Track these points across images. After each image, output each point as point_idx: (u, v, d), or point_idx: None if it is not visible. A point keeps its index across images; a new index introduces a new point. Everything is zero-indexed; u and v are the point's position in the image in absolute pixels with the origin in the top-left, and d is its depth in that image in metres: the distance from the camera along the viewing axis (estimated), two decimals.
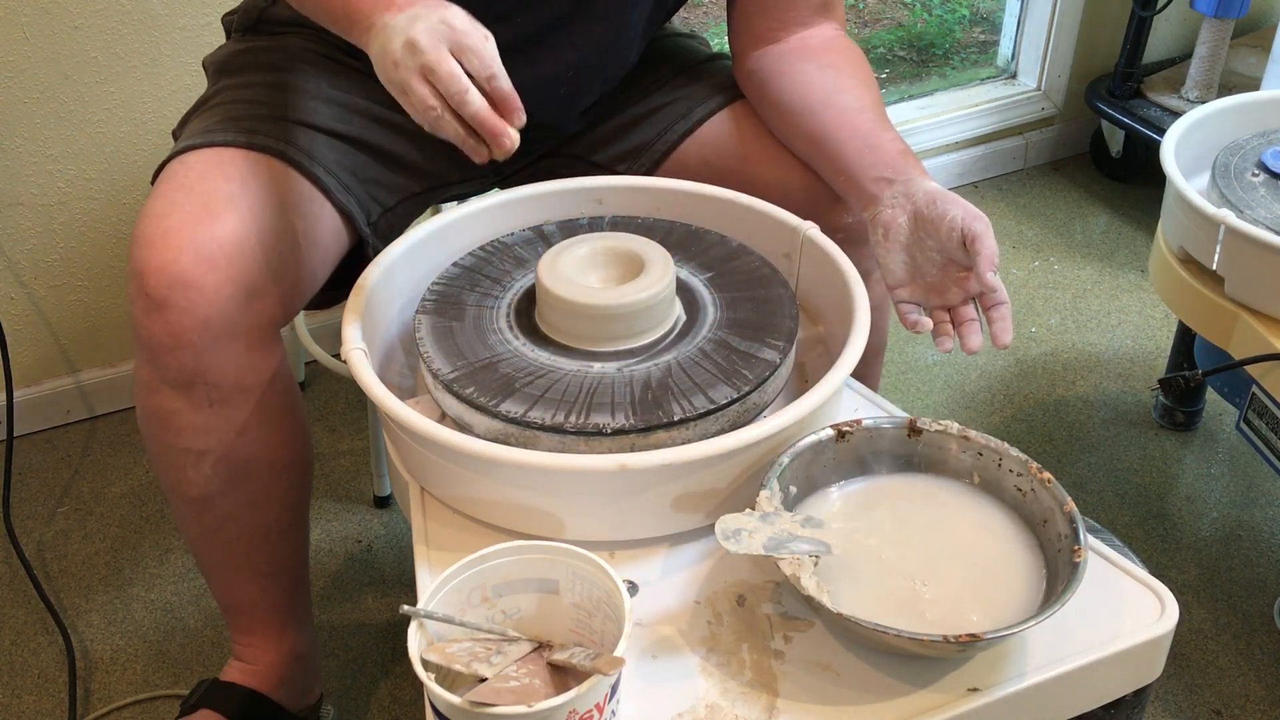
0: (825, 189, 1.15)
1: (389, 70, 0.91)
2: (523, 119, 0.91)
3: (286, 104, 1.11)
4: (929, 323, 1.02)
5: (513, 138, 0.91)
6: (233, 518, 1.10)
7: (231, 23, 1.27)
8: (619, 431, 0.91)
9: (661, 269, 1.01)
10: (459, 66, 0.88)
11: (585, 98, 1.22)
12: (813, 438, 0.91)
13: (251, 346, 1.02)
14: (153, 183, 1.07)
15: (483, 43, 0.90)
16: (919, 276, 1.04)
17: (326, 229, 1.10)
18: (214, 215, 0.99)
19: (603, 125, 1.26)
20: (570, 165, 1.25)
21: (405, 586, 1.54)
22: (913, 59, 2.77)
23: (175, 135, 1.16)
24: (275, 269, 1.03)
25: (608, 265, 1.03)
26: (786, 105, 1.15)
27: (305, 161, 1.08)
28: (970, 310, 1.02)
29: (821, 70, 1.15)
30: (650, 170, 1.23)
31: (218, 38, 1.32)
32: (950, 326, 1.02)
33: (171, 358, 0.99)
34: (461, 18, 0.90)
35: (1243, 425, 1.35)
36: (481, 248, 1.12)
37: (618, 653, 0.74)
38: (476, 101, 0.89)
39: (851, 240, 1.15)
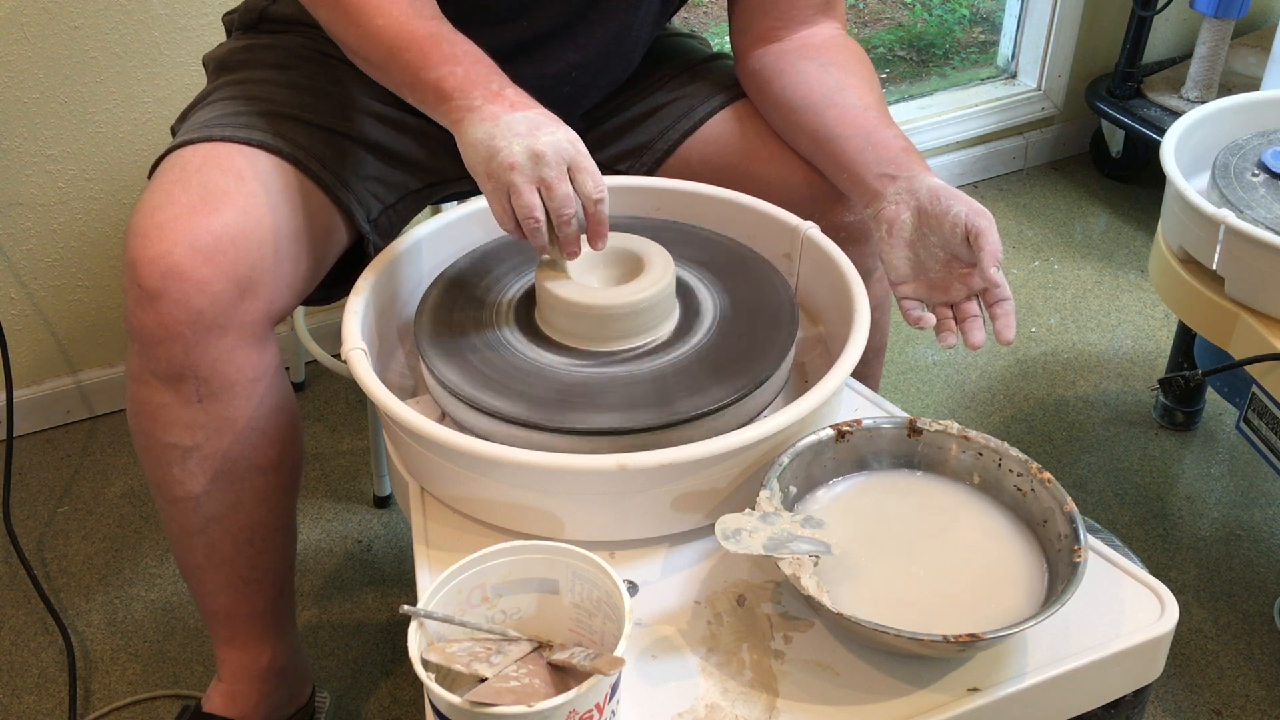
0: (828, 186, 1.15)
1: (498, 168, 0.91)
2: (606, 243, 0.96)
3: (286, 100, 1.11)
4: (932, 319, 1.01)
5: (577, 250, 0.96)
6: (217, 519, 1.08)
7: (232, 22, 1.26)
8: (619, 431, 0.91)
9: (661, 269, 1.01)
10: (572, 189, 0.92)
11: (587, 98, 1.22)
12: (813, 438, 0.91)
13: (244, 342, 1.01)
14: (149, 177, 1.07)
15: (595, 166, 0.93)
16: (922, 273, 1.04)
17: (324, 225, 1.10)
18: (210, 208, 0.99)
19: (604, 124, 1.26)
20: None
21: (405, 586, 1.54)
22: (913, 59, 2.77)
23: (174, 131, 1.16)
24: (271, 264, 1.02)
25: (608, 265, 1.03)
26: (789, 104, 1.15)
27: (303, 157, 1.08)
28: (973, 306, 1.02)
29: (823, 68, 1.15)
30: (652, 169, 1.23)
31: (218, 37, 1.32)
32: (953, 323, 1.02)
33: (162, 350, 0.99)
34: (579, 141, 0.93)
35: (1243, 425, 1.35)
36: (481, 247, 1.12)
37: (618, 653, 0.74)
38: (576, 226, 0.94)
39: (852, 239, 1.15)
